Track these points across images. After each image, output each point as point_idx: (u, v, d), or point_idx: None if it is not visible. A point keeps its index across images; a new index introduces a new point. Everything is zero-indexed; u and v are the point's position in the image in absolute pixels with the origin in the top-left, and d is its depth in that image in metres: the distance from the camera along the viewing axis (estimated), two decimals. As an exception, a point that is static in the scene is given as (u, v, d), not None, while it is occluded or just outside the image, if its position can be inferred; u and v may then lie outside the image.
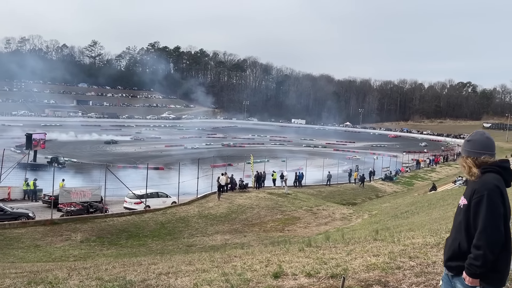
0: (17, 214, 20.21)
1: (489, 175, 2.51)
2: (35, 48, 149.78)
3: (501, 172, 2.53)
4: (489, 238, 2.38)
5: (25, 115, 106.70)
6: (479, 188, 2.48)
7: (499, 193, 2.43)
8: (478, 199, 2.45)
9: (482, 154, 2.58)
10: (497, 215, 2.39)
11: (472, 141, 2.64)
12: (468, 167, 2.60)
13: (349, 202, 33.14)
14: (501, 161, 2.60)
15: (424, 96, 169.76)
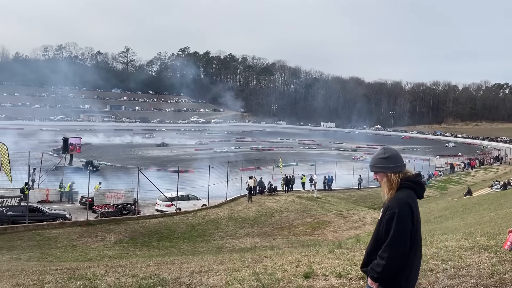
0: (55, 215, 21.02)
1: (403, 192, 2.66)
2: (71, 55, 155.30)
3: (414, 187, 2.69)
4: (393, 252, 2.55)
5: (61, 120, 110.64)
6: (392, 205, 2.63)
7: (409, 211, 2.59)
8: (390, 215, 2.60)
9: (403, 167, 2.74)
10: (404, 232, 2.55)
11: (390, 157, 2.74)
12: (394, 183, 2.71)
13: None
14: (415, 175, 2.75)
15: (458, 98, 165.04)
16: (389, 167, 2.73)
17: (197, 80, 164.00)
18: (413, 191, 2.69)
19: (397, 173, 2.72)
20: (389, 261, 2.55)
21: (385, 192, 2.75)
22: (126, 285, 5.51)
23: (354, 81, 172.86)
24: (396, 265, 2.57)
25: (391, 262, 2.55)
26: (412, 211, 2.60)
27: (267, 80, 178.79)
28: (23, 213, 19.55)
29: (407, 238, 2.56)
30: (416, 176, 2.76)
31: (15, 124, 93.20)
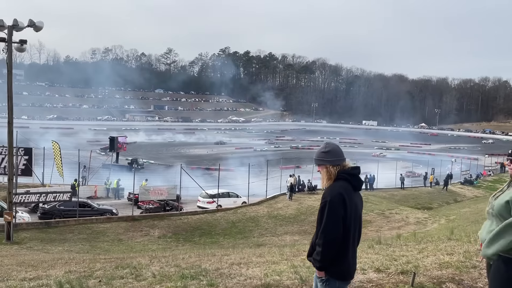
0: (103, 210, 21.98)
1: (338, 183, 2.86)
2: (117, 58, 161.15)
3: (349, 179, 2.88)
4: (326, 238, 2.72)
5: (108, 120, 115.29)
6: (325, 194, 2.84)
7: (341, 199, 2.75)
8: (323, 204, 2.80)
9: (342, 160, 2.96)
10: (336, 219, 2.72)
11: (330, 152, 2.97)
12: (332, 174, 2.91)
13: (424, 207, 31.61)
14: (352, 168, 2.95)
15: (510, 95, 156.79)
16: (329, 160, 2.94)
17: (237, 80, 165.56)
18: (348, 182, 2.87)
19: (336, 166, 2.92)
20: (325, 247, 2.72)
21: (324, 183, 2.95)
22: (169, 274, 5.76)
23: (397, 78, 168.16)
24: (331, 251, 2.72)
25: (327, 248, 2.72)
26: (344, 199, 2.76)
27: (307, 79, 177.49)
28: (73, 208, 20.61)
29: (339, 224, 2.72)
30: (352, 169, 2.96)
31: (65, 124, 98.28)
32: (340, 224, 2.73)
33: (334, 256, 2.74)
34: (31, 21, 15.32)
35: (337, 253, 2.75)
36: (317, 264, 2.80)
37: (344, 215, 2.75)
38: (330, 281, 2.81)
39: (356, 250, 2.92)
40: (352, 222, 2.80)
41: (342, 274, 2.82)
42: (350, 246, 2.80)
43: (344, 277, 2.84)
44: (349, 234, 2.78)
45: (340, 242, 2.74)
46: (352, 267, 2.87)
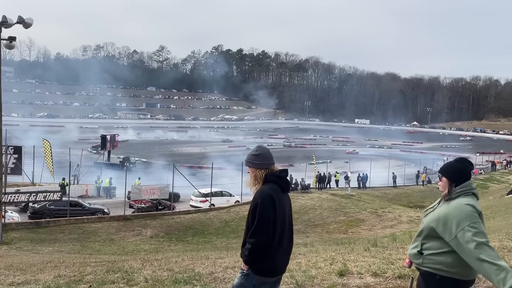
0: (94, 210, 21.75)
1: (267, 185, 2.98)
2: (109, 55, 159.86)
3: (278, 181, 3.00)
4: (256, 238, 2.85)
5: (100, 117, 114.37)
6: (256, 196, 2.96)
7: (271, 201, 2.88)
8: (254, 205, 2.91)
9: (270, 164, 3.07)
10: (266, 220, 2.85)
11: (260, 155, 3.08)
12: (259, 177, 3.03)
13: (416, 205, 31.76)
14: (280, 171, 3.07)
15: (501, 93, 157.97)
16: (258, 163, 3.06)
17: (230, 78, 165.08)
18: (277, 185, 2.99)
19: (264, 169, 3.04)
20: (254, 246, 2.86)
21: (252, 184, 3.06)
22: (162, 279, 5.63)
23: (389, 77, 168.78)
24: (260, 249, 2.87)
25: (256, 247, 2.86)
26: (274, 201, 2.88)
27: (300, 77, 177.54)
28: (64, 207, 20.35)
29: (269, 225, 2.85)
30: (280, 172, 3.07)
31: (56, 121, 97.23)
32: (269, 225, 2.86)
33: (262, 254, 2.89)
34: (20, 18, 15.05)
35: (266, 251, 2.89)
36: (244, 258, 2.97)
37: (274, 216, 2.88)
38: (249, 275, 2.96)
39: (287, 249, 3.07)
40: (280, 223, 2.93)
41: (263, 270, 2.94)
42: (277, 246, 2.93)
43: (264, 273, 2.96)
44: (277, 234, 2.91)
45: (270, 241, 2.87)
46: (278, 265, 2.99)
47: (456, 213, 2.69)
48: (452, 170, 2.90)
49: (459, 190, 2.82)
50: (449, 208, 2.77)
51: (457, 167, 2.90)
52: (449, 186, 2.86)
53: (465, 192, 2.82)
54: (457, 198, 2.80)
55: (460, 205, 2.72)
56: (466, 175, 2.88)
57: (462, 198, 2.78)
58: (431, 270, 2.77)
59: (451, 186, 2.85)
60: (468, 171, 2.92)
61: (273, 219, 2.87)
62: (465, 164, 2.92)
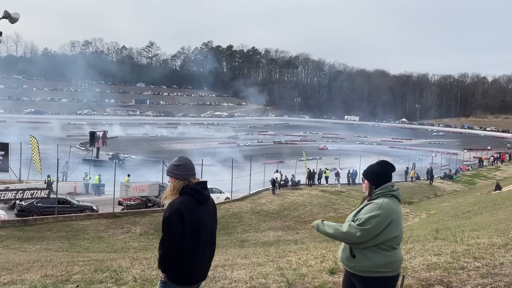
0: (83, 207, 21.49)
1: (180, 197, 3.02)
2: (97, 50, 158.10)
3: (192, 194, 3.03)
4: (163, 249, 2.95)
5: (88, 114, 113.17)
6: (166, 209, 3.03)
7: (178, 215, 2.93)
8: (163, 218, 2.98)
9: (190, 176, 3.10)
10: (171, 233, 2.92)
11: (181, 166, 3.09)
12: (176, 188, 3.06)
13: (405, 201, 31.98)
14: (196, 183, 3.09)
15: (488, 91, 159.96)
16: (178, 173, 3.08)
17: (220, 74, 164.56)
18: (191, 197, 3.02)
19: (182, 180, 3.07)
20: (161, 257, 2.97)
21: (169, 195, 3.09)
22: (151, 278, 5.56)
23: (379, 74, 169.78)
24: (167, 260, 2.95)
25: (163, 257, 2.96)
26: (182, 215, 2.93)
27: (290, 73, 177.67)
28: (52, 205, 20.07)
29: (175, 238, 2.92)
30: (197, 184, 3.08)
31: (44, 118, 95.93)
32: (176, 238, 2.92)
33: (172, 264, 2.96)
34: (6, 12, 14.74)
35: (176, 261, 2.95)
36: (158, 267, 3.07)
37: (182, 230, 2.93)
38: (166, 283, 3.05)
39: (206, 257, 3.13)
40: (194, 234, 2.97)
41: (179, 279, 3.02)
42: (192, 255, 2.99)
43: (180, 282, 3.03)
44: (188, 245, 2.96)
45: (178, 253, 2.93)
46: (195, 273, 3.06)
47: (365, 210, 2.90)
48: (372, 172, 3.02)
49: (378, 192, 2.95)
50: (366, 208, 2.93)
51: (377, 170, 3.02)
52: (370, 188, 3.00)
53: (384, 193, 2.94)
54: (376, 199, 2.93)
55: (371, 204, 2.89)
56: (386, 177, 2.99)
57: (382, 199, 2.90)
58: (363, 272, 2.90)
59: (371, 188, 2.99)
60: (388, 173, 3.02)
61: (181, 232, 2.93)
62: (385, 167, 3.03)
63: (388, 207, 2.89)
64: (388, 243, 2.90)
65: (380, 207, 2.89)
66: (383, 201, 2.91)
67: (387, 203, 2.91)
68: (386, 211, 2.88)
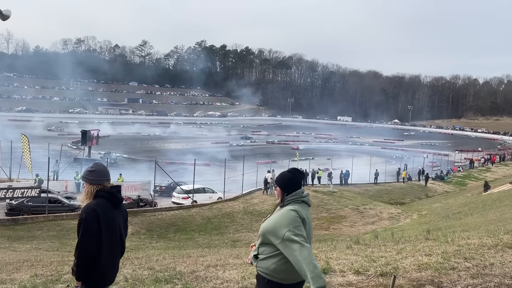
0: (74, 206, 21.30)
1: (95, 200, 3.08)
2: (90, 49, 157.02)
3: (107, 197, 3.10)
4: (80, 251, 2.96)
5: (80, 112, 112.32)
6: (82, 211, 3.08)
7: (95, 216, 2.98)
8: (79, 220, 3.04)
9: (104, 180, 3.16)
10: (88, 234, 2.96)
11: (95, 171, 3.17)
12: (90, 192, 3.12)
13: (397, 202, 32.22)
14: (111, 187, 3.17)
15: (479, 92, 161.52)
16: (92, 179, 3.15)
17: (214, 74, 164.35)
18: (106, 200, 3.09)
19: (97, 185, 3.13)
20: (79, 260, 2.97)
21: (84, 199, 3.15)
22: (142, 278, 5.52)
23: (371, 75, 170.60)
24: (86, 263, 2.96)
25: (81, 260, 2.96)
26: (98, 216, 2.99)
27: (284, 74, 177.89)
28: (42, 204, 19.89)
29: (92, 239, 2.95)
30: (111, 188, 3.17)
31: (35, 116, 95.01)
32: (93, 239, 2.96)
33: (89, 268, 2.98)
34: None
35: (93, 264, 2.98)
36: (74, 274, 3.05)
37: (98, 231, 2.97)
38: None
39: (116, 260, 3.21)
40: (107, 236, 3.02)
41: (95, 283, 3.04)
42: (106, 258, 3.03)
43: (96, 286, 3.06)
44: (104, 248, 3.01)
45: (95, 255, 2.97)
46: (108, 277, 3.12)
47: (281, 219, 2.91)
48: (283, 180, 3.12)
49: (290, 198, 3.04)
50: (277, 214, 2.99)
51: (288, 177, 3.11)
52: (281, 195, 3.08)
53: (295, 200, 3.04)
54: (288, 205, 3.02)
55: (286, 211, 2.94)
56: (296, 184, 3.09)
57: (293, 206, 3.00)
58: (262, 273, 2.98)
59: (283, 195, 3.07)
60: (298, 180, 3.13)
61: (97, 233, 2.97)
62: (296, 174, 3.13)
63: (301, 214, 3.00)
64: None
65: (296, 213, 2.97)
66: (295, 207, 3.01)
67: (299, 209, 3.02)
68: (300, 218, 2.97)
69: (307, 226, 2.99)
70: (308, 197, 3.14)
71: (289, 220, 2.87)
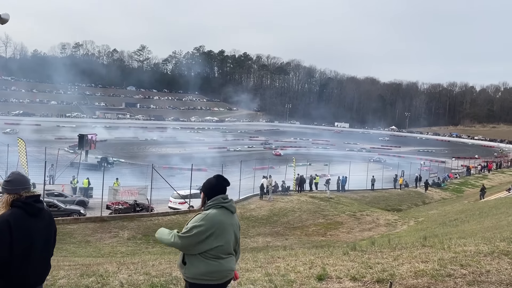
0: (70, 211, 21.24)
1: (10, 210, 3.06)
2: (88, 53, 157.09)
3: (22, 206, 3.08)
4: None
5: (78, 117, 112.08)
6: None
7: (6, 226, 2.96)
8: None
9: (21, 190, 3.15)
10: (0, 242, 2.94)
11: (11, 181, 3.16)
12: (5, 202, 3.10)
13: (394, 208, 32.21)
14: (26, 197, 3.13)
15: (476, 100, 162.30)
16: (8, 188, 3.15)
17: (212, 79, 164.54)
18: (22, 209, 3.08)
19: (13, 194, 3.12)
20: None
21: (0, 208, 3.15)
22: (138, 283, 5.50)
23: (369, 81, 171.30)
24: None
25: None
26: (10, 226, 2.98)
27: (281, 80, 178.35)
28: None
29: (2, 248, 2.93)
30: (27, 197, 3.14)
31: (32, 120, 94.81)
32: (4, 248, 2.94)
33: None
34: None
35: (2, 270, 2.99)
36: None
37: (10, 240, 2.96)
38: None
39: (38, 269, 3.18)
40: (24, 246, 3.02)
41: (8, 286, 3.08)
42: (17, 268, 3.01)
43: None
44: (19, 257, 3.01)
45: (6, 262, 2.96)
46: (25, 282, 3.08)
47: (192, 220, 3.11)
48: (206, 185, 3.28)
49: (210, 203, 3.19)
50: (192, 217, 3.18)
51: (211, 183, 3.27)
52: (203, 200, 3.25)
53: (215, 205, 3.18)
54: (207, 210, 3.17)
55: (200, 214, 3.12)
56: (218, 190, 3.24)
57: (211, 210, 3.15)
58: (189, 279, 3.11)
59: (204, 199, 3.24)
60: (220, 186, 3.27)
61: (9, 242, 2.97)
62: (219, 181, 3.29)
63: (213, 218, 3.12)
64: (212, 252, 3.10)
65: (205, 217, 3.11)
66: (210, 212, 3.12)
67: (214, 214, 3.13)
68: (210, 222, 3.10)
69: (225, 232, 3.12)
70: (231, 203, 3.24)
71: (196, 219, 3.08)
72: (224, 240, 3.12)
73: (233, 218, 3.26)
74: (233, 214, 3.27)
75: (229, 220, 3.20)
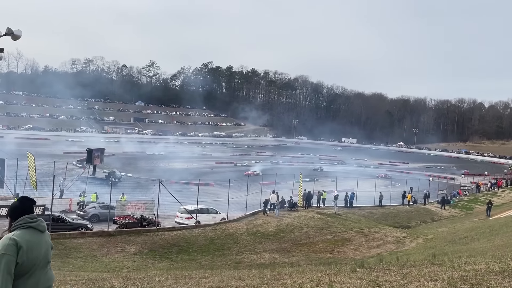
0: (77, 225, 21.27)
1: None
2: (98, 69, 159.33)
3: None
4: None
5: (87, 131, 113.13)
6: None
7: None
8: None
9: None
10: None
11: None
12: None
13: (402, 225, 31.82)
14: None
15: (484, 116, 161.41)
16: None
17: (219, 94, 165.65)
18: None
19: None
20: None
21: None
22: (144, 299, 5.47)
23: (376, 97, 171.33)
24: None
25: None
26: None
27: (289, 95, 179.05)
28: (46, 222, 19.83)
29: None
30: None
31: (42, 134, 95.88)
32: None
33: None
34: (9, 30, 14.86)
35: None
36: None
37: None
38: None
39: None
40: None
41: None
42: None
43: None
44: None
45: None
46: None
47: None
48: (10, 208, 3.30)
49: (15, 224, 3.19)
50: None
51: (14, 205, 3.30)
52: (9, 222, 3.25)
53: (21, 225, 3.18)
54: (13, 231, 3.16)
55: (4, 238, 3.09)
56: (21, 211, 3.25)
57: (18, 231, 3.14)
58: None
59: (10, 222, 3.24)
60: (23, 208, 3.28)
61: None
62: (22, 202, 3.31)
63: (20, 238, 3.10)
64: None
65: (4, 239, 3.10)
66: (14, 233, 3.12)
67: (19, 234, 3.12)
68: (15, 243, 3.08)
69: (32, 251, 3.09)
70: (39, 222, 3.25)
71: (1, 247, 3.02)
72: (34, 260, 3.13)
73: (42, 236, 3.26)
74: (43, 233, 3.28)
75: (39, 239, 3.22)
